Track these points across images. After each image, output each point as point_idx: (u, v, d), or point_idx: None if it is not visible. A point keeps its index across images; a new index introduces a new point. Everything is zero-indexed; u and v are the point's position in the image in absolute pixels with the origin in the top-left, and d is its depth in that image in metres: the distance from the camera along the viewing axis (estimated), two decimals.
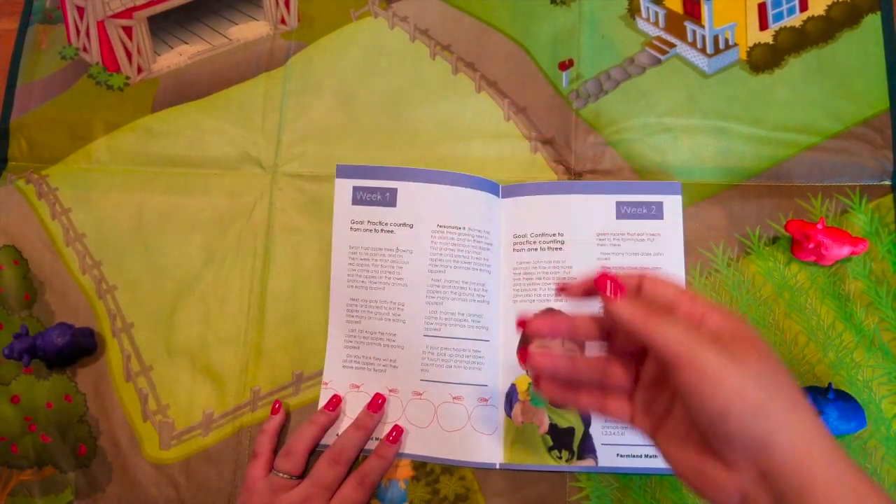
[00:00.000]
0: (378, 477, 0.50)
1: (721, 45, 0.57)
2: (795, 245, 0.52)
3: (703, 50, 0.57)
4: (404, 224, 0.54)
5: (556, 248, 0.54)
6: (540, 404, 0.51)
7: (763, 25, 0.57)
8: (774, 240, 0.53)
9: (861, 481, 0.29)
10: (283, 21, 0.62)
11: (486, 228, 0.54)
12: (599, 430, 0.51)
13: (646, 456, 0.50)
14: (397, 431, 0.51)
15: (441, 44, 0.60)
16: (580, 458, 0.50)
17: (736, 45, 0.57)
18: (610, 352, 0.37)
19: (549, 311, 0.52)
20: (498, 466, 0.51)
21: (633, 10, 0.59)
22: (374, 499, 0.51)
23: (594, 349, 0.38)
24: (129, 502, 0.53)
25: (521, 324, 0.38)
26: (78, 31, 0.64)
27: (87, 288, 0.57)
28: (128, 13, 0.63)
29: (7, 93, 0.62)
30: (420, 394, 0.52)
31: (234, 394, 0.54)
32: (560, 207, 0.54)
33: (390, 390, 0.53)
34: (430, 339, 0.52)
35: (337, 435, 0.51)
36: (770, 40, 0.57)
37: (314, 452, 0.51)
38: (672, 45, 0.58)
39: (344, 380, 0.53)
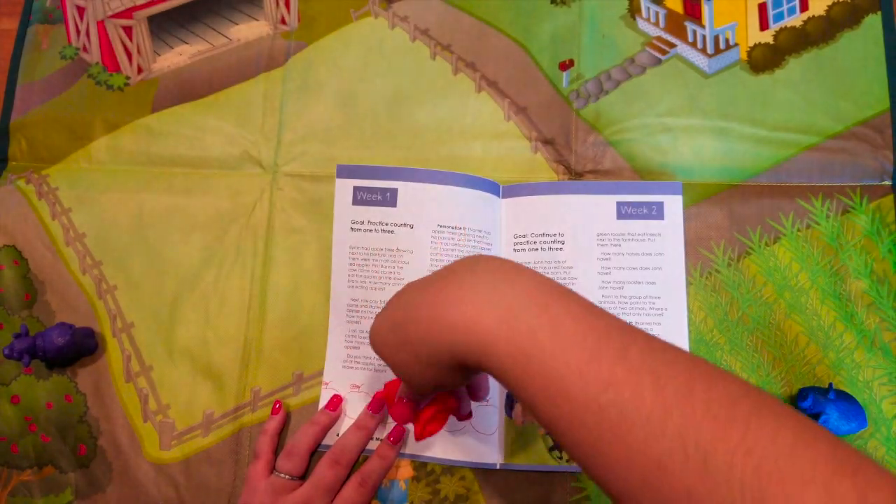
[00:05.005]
0: (379, 478, 0.50)
1: (721, 45, 0.57)
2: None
3: (703, 50, 0.57)
4: (405, 224, 0.54)
5: (556, 249, 0.54)
6: None
7: (763, 25, 0.57)
8: (775, 240, 0.53)
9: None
10: (283, 21, 0.62)
11: (486, 228, 0.54)
12: None
13: None
14: (398, 432, 0.51)
15: (441, 44, 0.60)
16: None
17: (736, 45, 0.57)
18: None
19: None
20: (498, 466, 0.51)
21: (634, 10, 0.59)
22: (374, 499, 0.51)
23: None
24: (129, 502, 0.52)
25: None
26: (78, 31, 0.64)
27: (87, 288, 0.57)
28: (128, 13, 0.63)
29: (7, 93, 0.62)
30: None
31: (235, 394, 0.54)
32: (560, 207, 0.54)
33: None
34: None
35: (338, 436, 0.51)
36: (770, 40, 0.57)
37: (315, 453, 0.51)
38: (672, 45, 0.58)
39: (344, 380, 0.53)
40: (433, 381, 0.35)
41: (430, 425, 0.50)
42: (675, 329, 0.52)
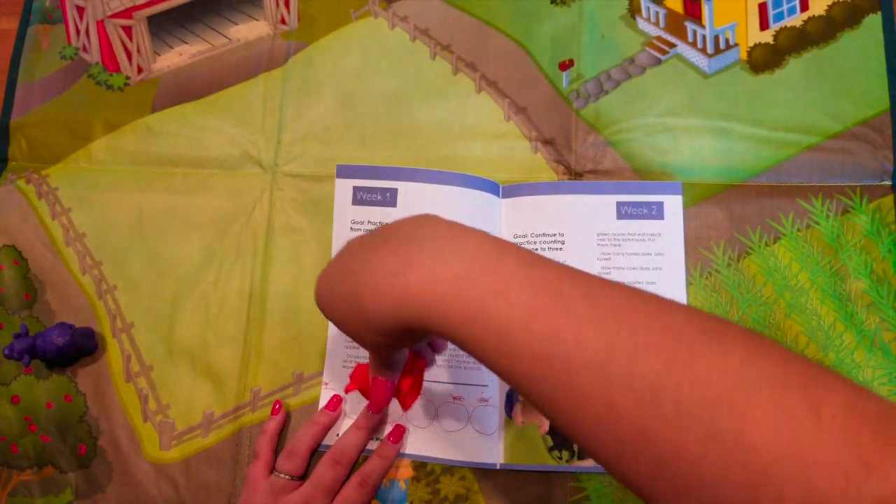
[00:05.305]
0: (380, 477, 0.50)
1: (721, 45, 0.57)
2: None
3: (703, 50, 0.57)
4: None
5: (556, 249, 0.54)
6: None
7: (763, 25, 0.57)
8: (775, 240, 0.53)
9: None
10: (283, 21, 0.62)
11: (486, 228, 0.54)
12: None
13: None
14: (398, 431, 0.51)
15: (441, 44, 0.60)
16: (580, 458, 0.50)
17: (736, 45, 0.57)
18: None
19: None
20: (498, 466, 0.51)
21: (634, 10, 0.59)
22: (374, 499, 0.51)
23: None
24: (128, 502, 0.52)
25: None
26: (78, 31, 0.64)
27: (87, 288, 0.57)
28: (128, 13, 0.63)
29: (7, 93, 0.62)
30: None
31: (235, 394, 0.54)
32: (560, 207, 0.54)
33: None
34: None
35: (338, 436, 0.51)
36: (770, 40, 0.57)
37: (315, 453, 0.51)
38: (672, 45, 0.58)
39: (344, 380, 0.53)
40: (387, 344, 0.36)
41: (412, 393, 0.51)
42: None
